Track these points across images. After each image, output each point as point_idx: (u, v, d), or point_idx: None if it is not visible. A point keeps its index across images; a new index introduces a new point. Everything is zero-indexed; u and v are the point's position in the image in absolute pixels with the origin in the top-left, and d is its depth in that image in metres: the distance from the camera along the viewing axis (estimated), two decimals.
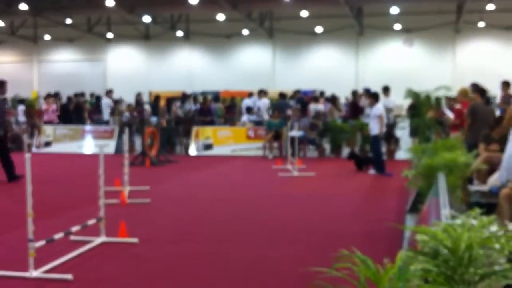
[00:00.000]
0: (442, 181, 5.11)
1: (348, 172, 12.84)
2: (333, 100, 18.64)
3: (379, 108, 12.24)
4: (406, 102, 15.04)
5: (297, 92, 18.92)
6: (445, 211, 3.54)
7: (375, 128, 12.13)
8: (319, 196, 9.90)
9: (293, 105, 17.88)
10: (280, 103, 18.10)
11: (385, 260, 2.40)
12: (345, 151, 16.13)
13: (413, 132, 13.51)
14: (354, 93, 18.83)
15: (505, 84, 12.38)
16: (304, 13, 26.84)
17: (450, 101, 13.39)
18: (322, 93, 20.97)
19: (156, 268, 5.59)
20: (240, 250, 6.25)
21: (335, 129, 16.01)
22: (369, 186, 10.86)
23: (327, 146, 16.43)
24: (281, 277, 5.31)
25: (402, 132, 15.91)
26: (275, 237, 6.82)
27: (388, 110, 16.16)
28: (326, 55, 30.33)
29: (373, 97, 12.66)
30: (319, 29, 29.40)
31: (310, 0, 24.82)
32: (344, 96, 20.38)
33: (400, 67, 28.33)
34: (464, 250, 2.46)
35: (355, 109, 17.26)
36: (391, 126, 15.79)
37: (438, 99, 12.88)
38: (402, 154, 15.11)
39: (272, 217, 8.09)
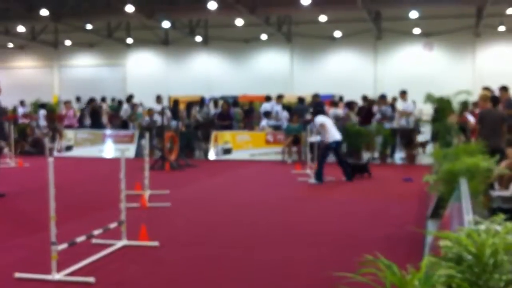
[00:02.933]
0: (464, 186, 5.07)
1: (369, 177, 12.77)
2: (350, 105, 18.59)
3: (319, 118, 12.12)
4: (427, 107, 14.93)
5: (316, 96, 18.82)
6: (469, 217, 3.52)
7: (323, 138, 11.99)
8: (339, 200, 9.87)
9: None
10: (298, 108, 18.10)
11: (408, 266, 2.40)
12: (366, 156, 16.08)
13: (434, 137, 13.43)
14: (365, 98, 18.79)
15: (503, 89, 12.31)
16: (322, 18, 26.81)
17: (471, 105, 13.31)
18: (341, 98, 20.92)
19: (176, 271, 5.62)
20: (259, 253, 6.26)
21: (353, 133, 15.96)
22: (389, 191, 10.80)
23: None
24: (300, 281, 5.30)
25: (423, 137, 15.84)
26: (294, 241, 6.81)
27: (407, 114, 16.10)
28: (344, 59, 30.24)
29: (315, 110, 12.82)
30: (337, 34, 29.34)
31: (328, 5, 24.76)
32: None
33: (419, 71, 28.13)
34: (489, 256, 2.44)
35: (367, 114, 17.21)
36: (411, 131, 15.72)
37: (465, 104, 12.78)
38: (423, 159, 15.04)
39: (291, 221, 8.08)
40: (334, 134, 11.96)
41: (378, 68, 29.87)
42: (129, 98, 20.63)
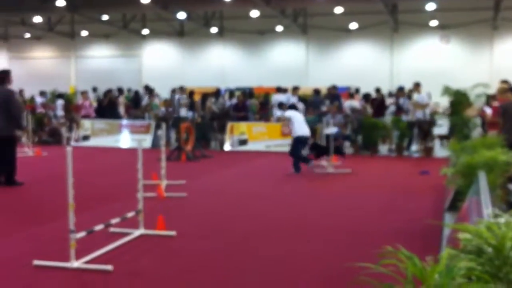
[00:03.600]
0: (483, 180, 5.04)
1: (385, 169, 12.75)
2: (367, 97, 18.53)
3: (287, 113, 12.62)
4: (443, 100, 14.84)
5: (333, 88, 18.78)
6: (488, 210, 3.50)
7: (291, 132, 12.27)
8: (355, 193, 9.85)
9: (327, 102, 17.81)
10: (314, 100, 18.06)
11: (428, 258, 2.40)
12: (383, 148, 16.04)
13: (452, 130, 13.36)
14: (378, 90, 18.71)
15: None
16: (338, 10, 26.67)
17: (489, 99, 13.21)
18: (357, 90, 20.84)
19: (192, 262, 5.66)
20: (275, 246, 6.27)
21: (368, 126, 15.91)
22: (406, 184, 10.76)
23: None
24: (315, 275, 5.31)
25: (440, 129, 15.74)
26: (307, 235, 6.81)
27: (421, 106, 15.99)
28: (360, 51, 30.06)
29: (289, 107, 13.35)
30: (353, 26, 29.16)
31: None
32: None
33: (436, 64, 27.90)
34: (510, 249, 2.43)
35: (380, 106, 17.14)
36: (428, 123, 15.63)
37: (488, 97, 12.67)
38: (440, 152, 14.96)
39: (307, 213, 8.10)
40: (301, 130, 12.16)
41: (394, 60, 29.66)
42: (151, 90, 20.74)
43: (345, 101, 17.55)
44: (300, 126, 12.22)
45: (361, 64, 29.33)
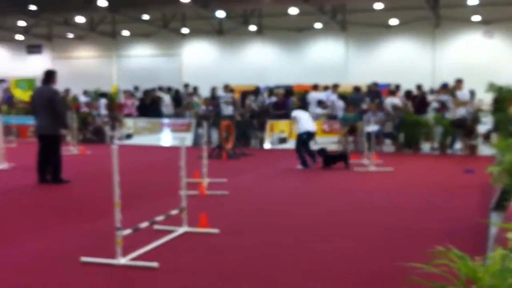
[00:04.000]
0: None
1: (428, 167, 12.56)
2: (408, 94, 18.29)
3: (293, 112, 13.29)
4: (487, 97, 14.52)
5: (374, 85, 18.60)
6: None
7: (296, 128, 12.82)
8: (398, 191, 9.74)
9: (367, 99, 17.66)
10: (354, 97, 17.93)
11: (477, 258, 2.37)
12: (426, 147, 15.79)
13: (496, 127, 13.06)
14: (419, 87, 18.42)
15: None
16: (378, 5, 26.38)
17: None
18: (397, 87, 20.58)
19: (236, 259, 5.69)
20: (319, 243, 6.26)
21: (411, 123, 15.69)
22: (450, 183, 10.57)
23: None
24: (362, 272, 5.26)
25: (484, 127, 15.40)
26: (353, 231, 6.78)
27: (463, 103, 15.68)
28: (401, 48, 29.66)
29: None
30: (393, 22, 28.79)
31: None
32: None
33: (479, 60, 27.29)
34: None
35: (422, 103, 16.87)
36: (471, 121, 15.32)
37: None
38: (485, 150, 14.64)
39: (350, 211, 8.05)
40: (306, 125, 12.71)
41: (436, 56, 29.15)
42: (195, 89, 20.96)
43: (386, 98, 17.34)
44: (304, 123, 12.73)
45: (401, 61, 28.95)
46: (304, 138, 12.73)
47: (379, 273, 5.21)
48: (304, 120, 12.79)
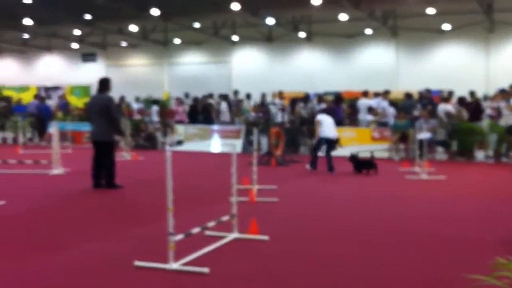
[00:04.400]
0: None
1: (483, 176, 12.24)
2: (461, 101, 17.88)
3: (318, 117, 13.71)
4: None
5: (427, 91, 18.30)
6: None
7: (318, 132, 13.32)
8: (451, 199, 9.53)
9: (419, 106, 17.36)
10: (405, 104, 17.66)
11: None
12: (479, 155, 15.39)
13: None
14: (472, 94, 17.98)
15: None
16: (430, 10, 25.94)
17: None
18: (451, 93, 20.16)
19: (286, 265, 5.67)
20: (371, 251, 6.18)
21: (464, 130, 15.33)
22: (505, 191, 10.28)
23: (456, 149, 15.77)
24: (416, 281, 5.18)
25: None
26: (404, 241, 6.66)
27: None
28: (454, 53, 29.03)
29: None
30: (446, 27, 28.22)
31: None
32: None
33: None
34: None
35: (476, 110, 16.44)
36: None
37: None
38: None
39: (400, 220, 7.92)
40: (327, 132, 13.19)
41: (490, 62, 28.39)
42: (248, 96, 21.09)
43: (439, 105, 17.00)
44: (327, 128, 13.21)
45: (454, 67, 28.33)
46: (324, 142, 13.27)
47: (438, 283, 5.10)
48: (326, 126, 13.19)
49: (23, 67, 39.25)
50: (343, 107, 19.22)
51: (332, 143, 13.37)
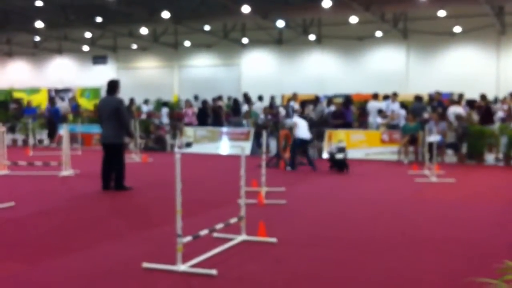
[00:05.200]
0: None
1: (493, 179, 12.16)
2: (471, 104, 17.79)
3: (293, 119, 14.84)
4: None
5: (437, 94, 18.23)
6: None
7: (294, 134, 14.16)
8: (462, 203, 9.48)
9: (429, 109, 17.30)
10: (415, 107, 17.59)
11: None
12: (489, 158, 15.30)
13: None
14: (483, 97, 17.88)
15: None
16: (441, 13, 25.83)
17: None
18: (461, 96, 20.07)
19: (294, 269, 5.67)
20: (376, 256, 6.16)
21: (474, 133, 15.25)
22: None
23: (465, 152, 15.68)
24: (428, 284, 5.16)
25: None
26: (413, 244, 6.63)
27: None
28: (464, 56, 28.87)
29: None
30: (457, 29, 28.09)
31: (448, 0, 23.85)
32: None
33: None
34: None
35: (486, 113, 16.34)
36: None
37: None
38: None
39: (410, 223, 7.89)
40: (301, 133, 14.04)
41: (500, 65, 28.22)
42: (259, 98, 21.10)
43: (449, 108, 16.92)
44: (302, 130, 14.08)
45: (465, 69, 28.19)
46: (298, 143, 14.12)
47: (447, 287, 5.07)
48: (301, 128, 14.09)
49: (34, 70, 39.51)
50: (352, 110, 19.18)
51: (306, 144, 14.50)
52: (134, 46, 35.52)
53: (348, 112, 18.59)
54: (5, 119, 21.55)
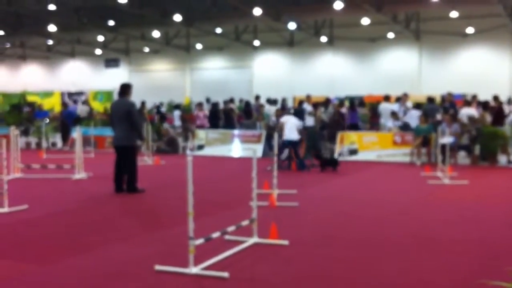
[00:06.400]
0: None
1: (505, 181, 12.07)
2: (484, 105, 17.66)
3: (282, 118, 14.61)
4: None
5: (449, 95, 18.13)
6: None
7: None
8: (475, 205, 9.41)
9: (441, 110, 17.19)
10: (427, 108, 17.51)
11: None
12: (503, 159, 15.19)
13: None
14: (496, 98, 17.75)
15: None
16: (454, 14, 25.70)
17: None
18: (474, 97, 19.95)
19: (305, 271, 5.67)
20: (389, 257, 6.14)
21: (488, 135, 15.14)
22: None
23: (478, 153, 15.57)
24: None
25: None
26: (425, 246, 6.60)
27: None
28: (477, 57, 28.71)
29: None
30: (469, 30, 27.93)
31: (460, 0, 23.71)
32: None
33: None
34: None
35: (498, 114, 16.21)
36: None
37: None
38: None
39: (423, 225, 7.85)
40: (288, 134, 13.86)
41: None
42: (274, 101, 21.11)
43: (462, 109, 16.81)
44: (288, 131, 13.90)
45: (477, 70, 28.04)
46: (286, 144, 14.02)
47: None
48: (289, 128, 13.93)
49: (48, 73, 39.86)
50: (358, 112, 19.16)
51: (295, 145, 14.23)
52: (146, 49, 35.70)
53: (354, 114, 18.58)
54: (19, 122, 21.73)
